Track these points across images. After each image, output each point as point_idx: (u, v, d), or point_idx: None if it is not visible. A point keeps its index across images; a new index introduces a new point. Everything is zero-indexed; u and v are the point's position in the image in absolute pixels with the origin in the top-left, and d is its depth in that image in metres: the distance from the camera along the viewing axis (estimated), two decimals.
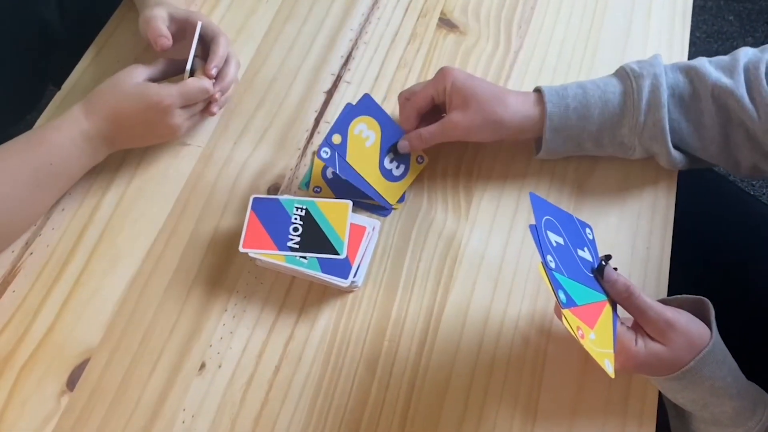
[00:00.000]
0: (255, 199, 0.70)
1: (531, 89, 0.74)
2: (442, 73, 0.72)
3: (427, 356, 0.66)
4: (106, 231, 0.72)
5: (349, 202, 0.70)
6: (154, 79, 0.72)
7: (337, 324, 0.68)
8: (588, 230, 0.64)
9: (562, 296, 0.54)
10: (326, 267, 0.66)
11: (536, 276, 0.70)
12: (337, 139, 0.71)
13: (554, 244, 0.58)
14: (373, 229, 0.69)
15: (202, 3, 0.88)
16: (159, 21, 0.73)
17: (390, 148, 0.74)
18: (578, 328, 0.54)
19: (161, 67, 0.73)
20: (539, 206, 0.60)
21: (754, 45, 0.72)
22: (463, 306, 0.69)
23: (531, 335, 0.67)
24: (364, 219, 0.70)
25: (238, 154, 0.78)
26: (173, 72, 0.74)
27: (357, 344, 0.67)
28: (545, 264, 0.55)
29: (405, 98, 0.74)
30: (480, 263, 0.71)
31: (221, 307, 0.69)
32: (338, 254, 0.66)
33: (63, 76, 0.82)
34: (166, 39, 0.73)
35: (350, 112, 0.72)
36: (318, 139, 0.79)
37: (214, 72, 0.72)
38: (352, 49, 0.86)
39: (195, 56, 0.74)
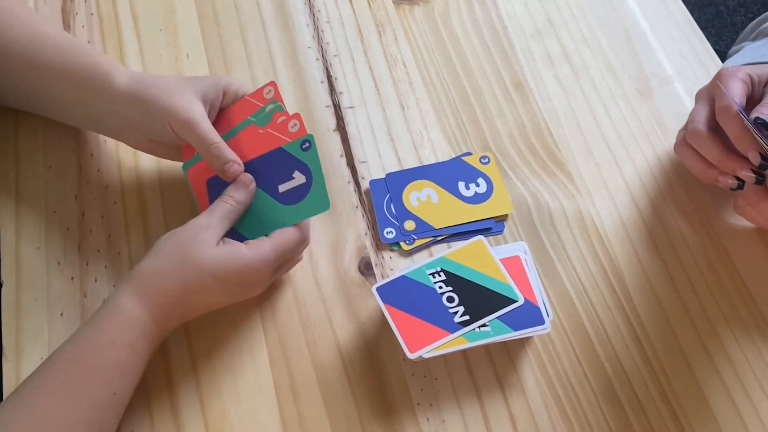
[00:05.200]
0: (379, 289, 0.55)
1: (537, 31, 0.67)
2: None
3: (653, 352, 0.57)
4: (210, 416, 0.52)
5: (481, 237, 0.57)
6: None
7: (546, 375, 0.56)
8: None
9: None
10: (515, 323, 0.54)
11: (686, 207, 0.63)
12: (410, 225, 0.61)
13: None
14: (525, 252, 0.57)
15: None
16: (215, 135, 0.53)
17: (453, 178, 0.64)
18: None
19: (229, 214, 0.53)
20: None
21: None
22: (643, 280, 0.60)
23: (720, 272, 0.61)
24: (506, 248, 0.58)
25: None
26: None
27: (581, 384, 0.56)
28: None
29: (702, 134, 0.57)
30: (624, 229, 0.63)
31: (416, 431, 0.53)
32: (516, 301, 0.54)
33: None
34: (238, 165, 0.53)
35: (392, 202, 0.62)
36: (364, 184, 0.64)
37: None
38: (327, 68, 0.70)
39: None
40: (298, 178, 0.52)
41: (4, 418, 0.44)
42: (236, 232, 0.53)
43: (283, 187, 0.53)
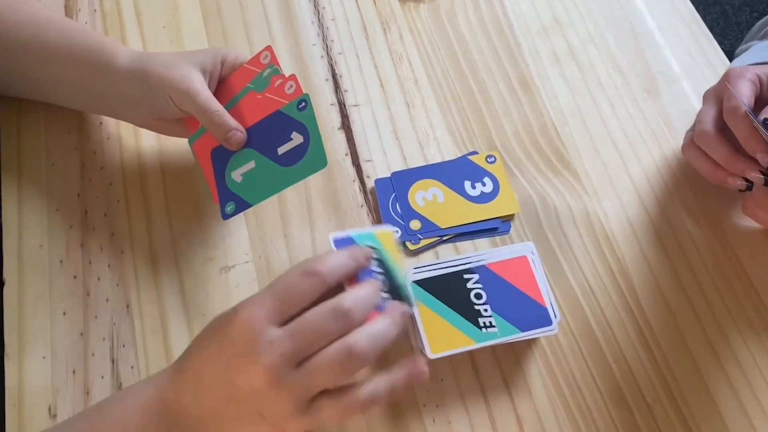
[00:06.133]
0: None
1: (543, 29, 0.68)
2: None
3: (660, 353, 0.57)
4: None
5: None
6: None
7: (553, 376, 0.55)
8: None
9: None
10: (523, 324, 0.53)
11: (694, 208, 0.63)
12: (416, 224, 0.60)
13: None
14: (532, 252, 0.57)
15: None
16: (215, 104, 0.53)
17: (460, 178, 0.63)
18: None
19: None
20: None
21: None
22: (650, 281, 0.60)
23: (728, 273, 0.60)
24: (513, 249, 0.57)
25: (300, 252, 0.60)
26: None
27: (588, 385, 0.55)
28: None
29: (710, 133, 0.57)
30: (632, 230, 0.62)
31: None
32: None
33: None
34: (240, 132, 0.53)
35: (397, 201, 0.61)
36: (369, 182, 0.63)
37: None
38: (332, 66, 0.69)
39: None
40: (296, 139, 0.52)
41: None
42: (238, 197, 0.52)
43: (282, 149, 0.52)
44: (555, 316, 0.54)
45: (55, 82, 0.59)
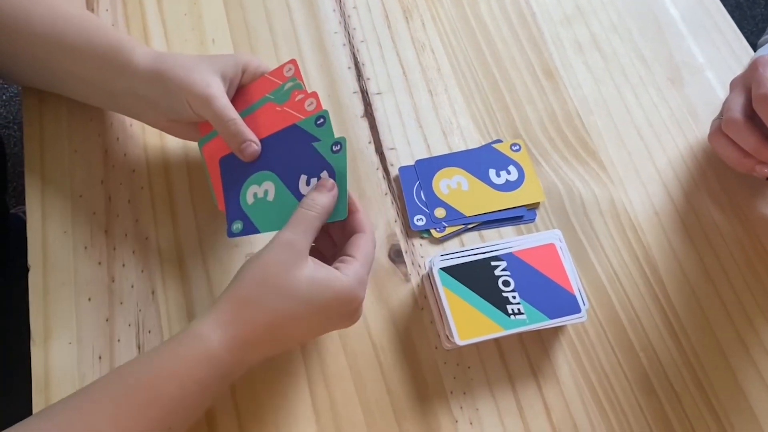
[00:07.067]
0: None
1: (566, 17, 0.67)
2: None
3: (687, 342, 0.57)
4: (242, 404, 0.52)
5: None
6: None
7: (580, 365, 0.55)
8: None
9: None
10: (551, 311, 0.53)
11: (720, 197, 0.63)
12: (440, 212, 0.60)
13: None
14: (560, 240, 0.56)
15: None
16: (232, 112, 0.52)
17: (485, 167, 0.63)
18: None
19: (314, 222, 0.47)
20: None
21: None
22: (677, 270, 0.60)
23: (755, 262, 0.60)
24: (540, 236, 0.57)
25: None
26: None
27: (616, 373, 0.55)
28: None
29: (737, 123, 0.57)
30: (657, 218, 0.62)
31: (449, 420, 0.53)
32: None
33: None
34: (256, 144, 0.52)
35: (422, 189, 0.61)
36: (393, 170, 0.63)
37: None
38: (354, 54, 0.69)
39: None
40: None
41: (57, 417, 0.43)
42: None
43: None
44: (584, 304, 0.53)
45: (70, 77, 0.57)
